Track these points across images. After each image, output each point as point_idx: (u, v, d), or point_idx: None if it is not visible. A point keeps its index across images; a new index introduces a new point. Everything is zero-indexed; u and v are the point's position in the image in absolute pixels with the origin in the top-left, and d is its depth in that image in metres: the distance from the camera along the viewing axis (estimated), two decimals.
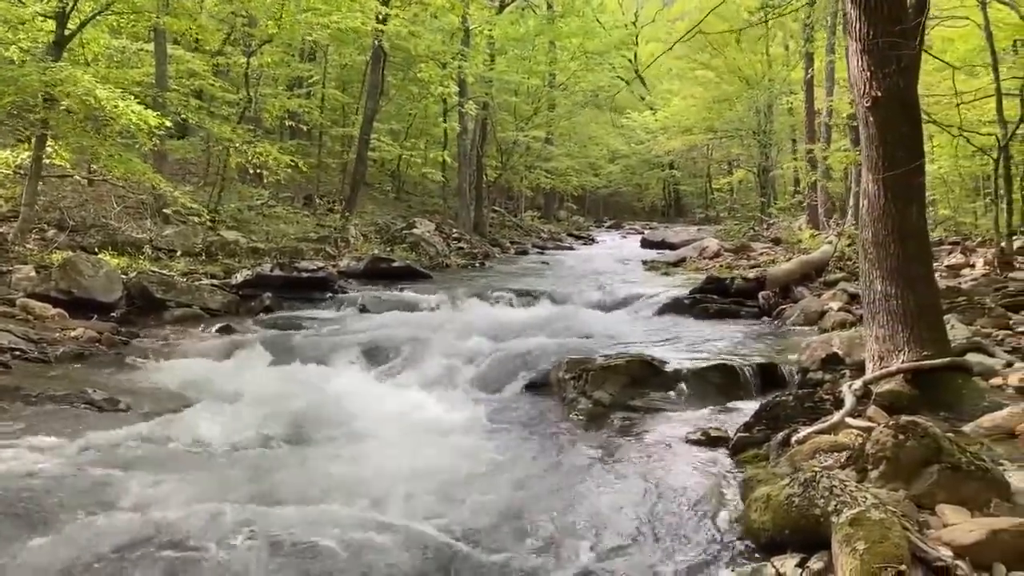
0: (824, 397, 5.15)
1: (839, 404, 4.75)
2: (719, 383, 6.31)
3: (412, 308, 10.13)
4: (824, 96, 18.65)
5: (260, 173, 14.54)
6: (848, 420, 4.40)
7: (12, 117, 12.71)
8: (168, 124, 10.98)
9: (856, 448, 3.82)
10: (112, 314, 8.75)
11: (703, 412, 5.79)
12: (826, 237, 15.51)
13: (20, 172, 10.73)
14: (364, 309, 10.08)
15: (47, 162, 10.70)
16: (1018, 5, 10.57)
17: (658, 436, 5.25)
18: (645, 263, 17.24)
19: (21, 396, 5.63)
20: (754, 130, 26.07)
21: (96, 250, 10.57)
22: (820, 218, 19.08)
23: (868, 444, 3.63)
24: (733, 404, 5.91)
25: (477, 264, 16.89)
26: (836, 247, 12.34)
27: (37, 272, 8.99)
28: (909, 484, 3.37)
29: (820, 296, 9.69)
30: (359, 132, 17.43)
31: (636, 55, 24.89)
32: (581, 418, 5.78)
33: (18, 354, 6.81)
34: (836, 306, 8.77)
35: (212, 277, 10.77)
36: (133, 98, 9.95)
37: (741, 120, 26.56)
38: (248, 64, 15.09)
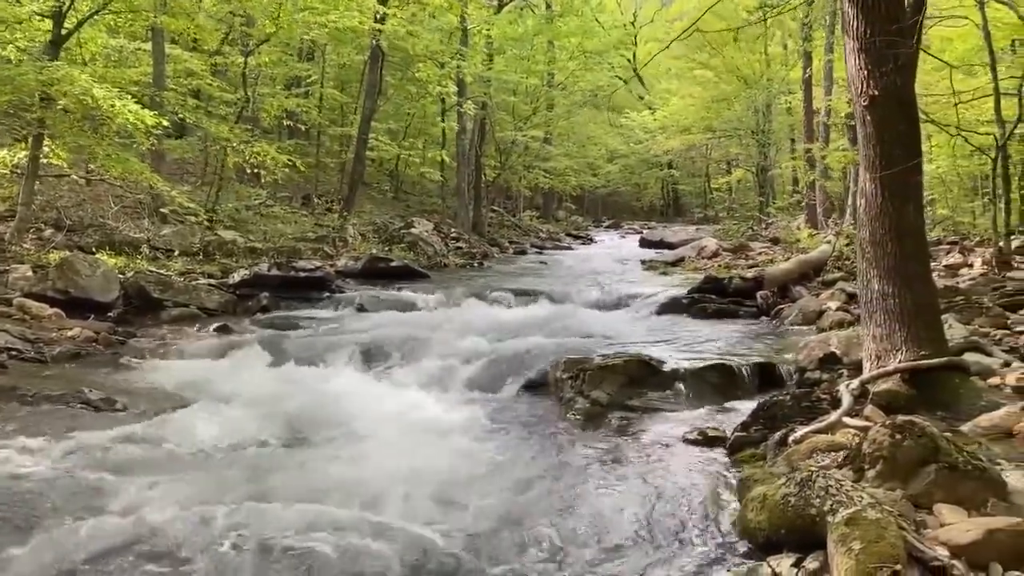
0: (821, 396, 5.15)
1: (836, 404, 4.74)
2: (717, 383, 6.29)
3: (410, 308, 10.12)
4: (823, 95, 18.66)
5: (257, 173, 14.53)
6: (845, 419, 4.39)
7: (9, 116, 12.70)
8: (165, 123, 10.98)
9: (853, 448, 3.81)
10: (109, 314, 8.74)
11: (701, 412, 5.77)
12: (824, 237, 15.51)
13: (17, 171, 10.71)
14: (362, 309, 10.07)
15: (44, 161, 10.69)
16: (1016, 5, 10.56)
17: (655, 436, 5.24)
18: (643, 263, 17.24)
19: (17, 396, 5.61)
20: (753, 129, 26.06)
21: (93, 250, 10.57)
22: (819, 217, 19.08)
23: (865, 443, 3.61)
24: (731, 404, 5.88)
25: (475, 264, 16.87)
26: (834, 246, 12.34)
27: (34, 272, 8.97)
28: (906, 484, 3.36)
29: (818, 296, 9.67)
30: (357, 132, 17.43)
31: (635, 55, 24.82)
32: (578, 418, 5.76)
33: (14, 354, 6.79)
34: (834, 305, 8.76)
35: (209, 277, 10.76)
36: (130, 97, 9.93)
37: (740, 119, 26.55)
38: (246, 64, 15.09)
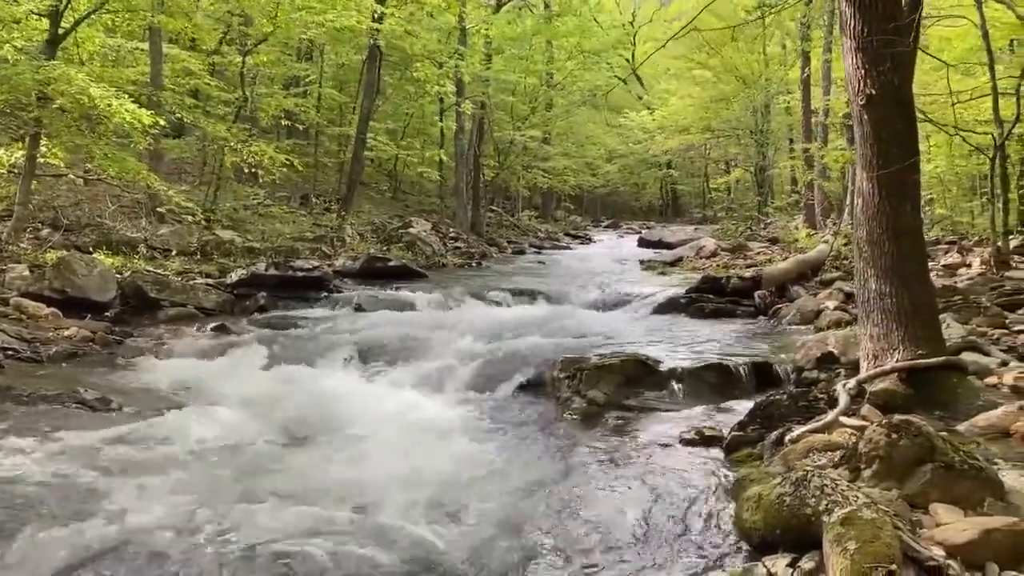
0: (819, 396, 5.14)
1: (833, 403, 4.73)
2: (714, 382, 6.28)
3: (407, 308, 10.10)
4: (821, 95, 18.66)
5: (255, 172, 14.51)
6: (842, 419, 4.38)
7: (6, 116, 12.68)
8: (162, 123, 10.95)
9: (849, 447, 3.80)
10: (106, 313, 8.72)
11: (698, 411, 5.76)
12: (823, 236, 15.50)
13: (14, 171, 10.69)
14: (359, 308, 10.05)
15: (41, 161, 10.66)
16: (1015, 4, 10.56)
17: (652, 436, 5.22)
18: (642, 262, 17.23)
19: (12, 396, 5.60)
20: (751, 129, 26.04)
21: (91, 249, 10.55)
22: (817, 217, 19.08)
23: (861, 443, 3.60)
24: (728, 403, 5.87)
25: (474, 264, 16.85)
26: (832, 246, 12.34)
27: (31, 271, 8.96)
28: (902, 483, 3.35)
29: (816, 295, 9.67)
30: (355, 131, 17.40)
31: (633, 55, 24.82)
32: (575, 418, 5.76)
33: (11, 353, 6.79)
34: (832, 305, 8.75)
35: (207, 276, 10.74)
36: (127, 97, 9.91)
37: (738, 119, 26.52)
38: (244, 63, 15.08)
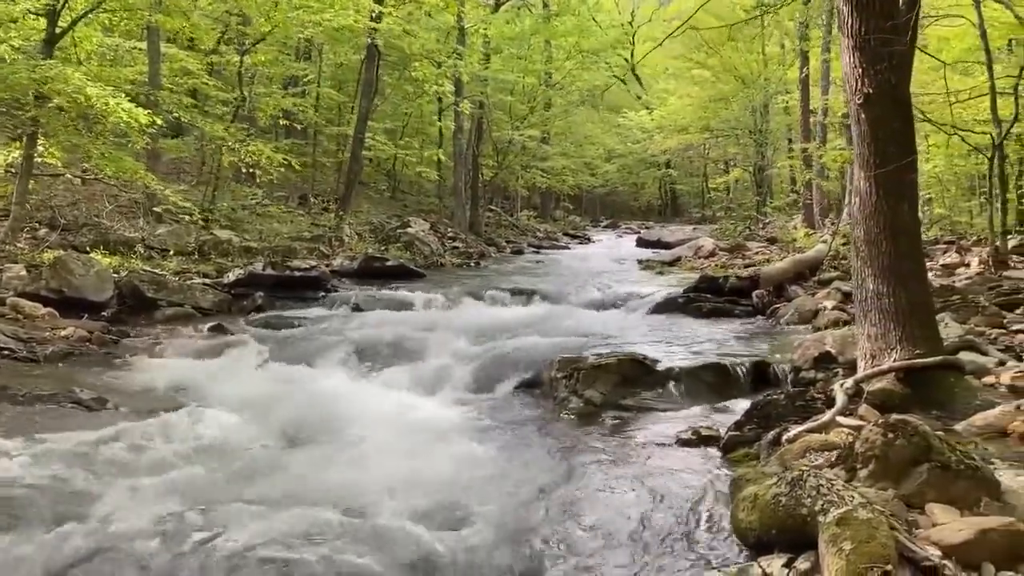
0: (816, 396, 5.13)
1: (831, 403, 4.71)
2: (711, 382, 6.28)
3: (405, 307, 10.09)
4: (820, 95, 18.66)
5: (253, 172, 14.48)
6: (839, 419, 4.37)
7: (3, 115, 12.65)
8: (160, 122, 10.92)
9: (846, 447, 3.78)
10: (103, 313, 8.70)
11: (695, 411, 5.75)
12: (821, 236, 15.49)
13: (11, 171, 10.66)
14: (357, 308, 10.04)
15: (39, 161, 10.63)
16: (1013, 4, 10.55)
17: (649, 435, 5.21)
18: (640, 262, 17.22)
19: (8, 396, 5.59)
20: (750, 129, 26.01)
21: (88, 249, 10.51)
22: (816, 217, 19.07)
23: (858, 443, 3.59)
24: (725, 403, 5.86)
25: (472, 263, 16.84)
26: (831, 246, 12.33)
27: (28, 271, 8.92)
28: (898, 483, 3.33)
29: (814, 295, 9.66)
30: (354, 131, 17.38)
31: (632, 54, 24.81)
32: (572, 417, 5.75)
33: (7, 353, 6.76)
34: (830, 305, 8.74)
35: (204, 276, 10.72)
36: (125, 96, 9.89)
37: (737, 119, 26.49)
38: (242, 63, 15.04)
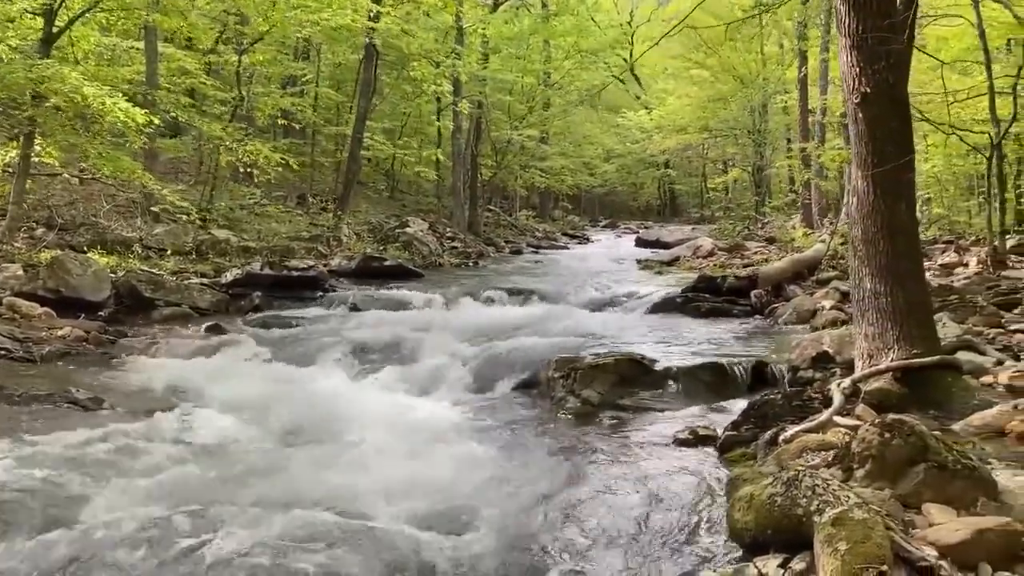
0: (813, 395, 5.12)
1: (828, 402, 4.71)
2: (709, 381, 6.27)
3: (404, 307, 10.07)
4: (818, 95, 18.64)
5: (251, 172, 14.47)
6: (836, 418, 4.36)
7: (0, 114, 12.62)
8: (157, 122, 10.90)
9: (843, 447, 3.77)
10: (100, 313, 8.69)
11: (692, 410, 5.75)
12: (819, 236, 15.48)
13: (8, 170, 10.65)
14: (355, 308, 10.02)
15: (36, 160, 10.63)
16: (1012, 4, 10.53)
17: (646, 435, 5.21)
18: (639, 262, 17.22)
19: (4, 395, 5.58)
20: (749, 129, 26.00)
21: (85, 249, 10.50)
22: (814, 216, 19.05)
23: (854, 442, 3.58)
24: (723, 403, 5.85)
25: (471, 263, 16.83)
26: (829, 245, 12.32)
27: (25, 271, 8.92)
28: (895, 483, 3.32)
29: (812, 294, 9.66)
30: (352, 131, 17.37)
31: (631, 54, 24.81)
32: (569, 417, 5.75)
33: (3, 353, 6.77)
34: (828, 304, 8.74)
35: (202, 276, 10.71)
36: (122, 96, 9.87)
37: (736, 119, 26.48)
38: (240, 62, 15.02)
